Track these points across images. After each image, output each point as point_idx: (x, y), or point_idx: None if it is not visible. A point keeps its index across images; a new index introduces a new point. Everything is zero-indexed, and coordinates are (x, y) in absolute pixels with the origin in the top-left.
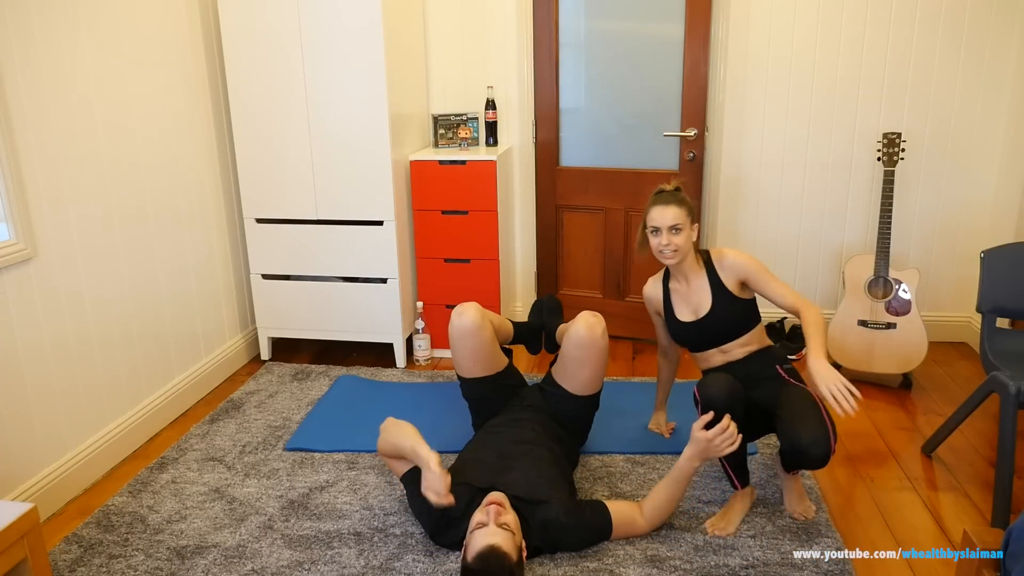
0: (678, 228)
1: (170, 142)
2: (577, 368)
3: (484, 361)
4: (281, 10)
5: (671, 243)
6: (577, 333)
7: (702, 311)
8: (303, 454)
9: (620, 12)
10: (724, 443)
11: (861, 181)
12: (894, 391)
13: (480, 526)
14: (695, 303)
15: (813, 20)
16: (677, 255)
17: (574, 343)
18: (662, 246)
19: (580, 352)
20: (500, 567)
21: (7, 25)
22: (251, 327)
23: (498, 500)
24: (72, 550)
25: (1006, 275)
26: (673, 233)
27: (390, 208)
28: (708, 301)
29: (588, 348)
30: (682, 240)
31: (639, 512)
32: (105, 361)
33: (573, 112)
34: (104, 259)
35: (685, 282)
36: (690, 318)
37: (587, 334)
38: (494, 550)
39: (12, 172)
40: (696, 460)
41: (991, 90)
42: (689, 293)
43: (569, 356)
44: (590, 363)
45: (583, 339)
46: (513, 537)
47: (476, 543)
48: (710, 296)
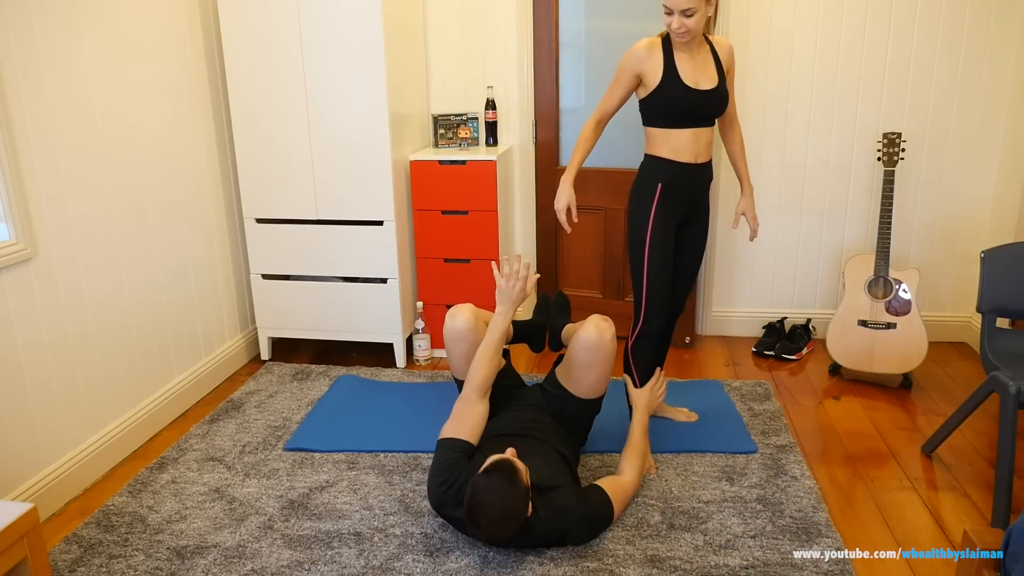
0: (691, 11)
1: (170, 141)
2: (583, 371)
3: None
4: (281, 9)
5: (683, 25)
6: (587, 336)
7: (710, 83)
8: (303, 454)
9: (620, 12)
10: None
11: (861, 181)
12: (894, 391)
13: None
14: (701, 74)
15: (813, 20)
16: (689, 35)
17: (582, 346)
18: (674, 28)
19: (588, 356)
20: (510, 472)
21: (7, 25)
22: (251, 327)
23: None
24: (72, 550)
25: (1006, 275)
26: (686, 16)
27: (390, 208)
28: (715, 75)
29: (596, 352)
30: (694, 22)
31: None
32: (105, 361)
33: (573, 112)
34: (104, 259)
35: (691, 53)
36: (696, 86)
37: (596, 338)
38: (506, 460)
39: (12, 172)
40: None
41: (991, 90)
42: (696, 64)
43: (576, 359)
44: (597, 367)
45: (592, 343)
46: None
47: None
48: (715, 71)
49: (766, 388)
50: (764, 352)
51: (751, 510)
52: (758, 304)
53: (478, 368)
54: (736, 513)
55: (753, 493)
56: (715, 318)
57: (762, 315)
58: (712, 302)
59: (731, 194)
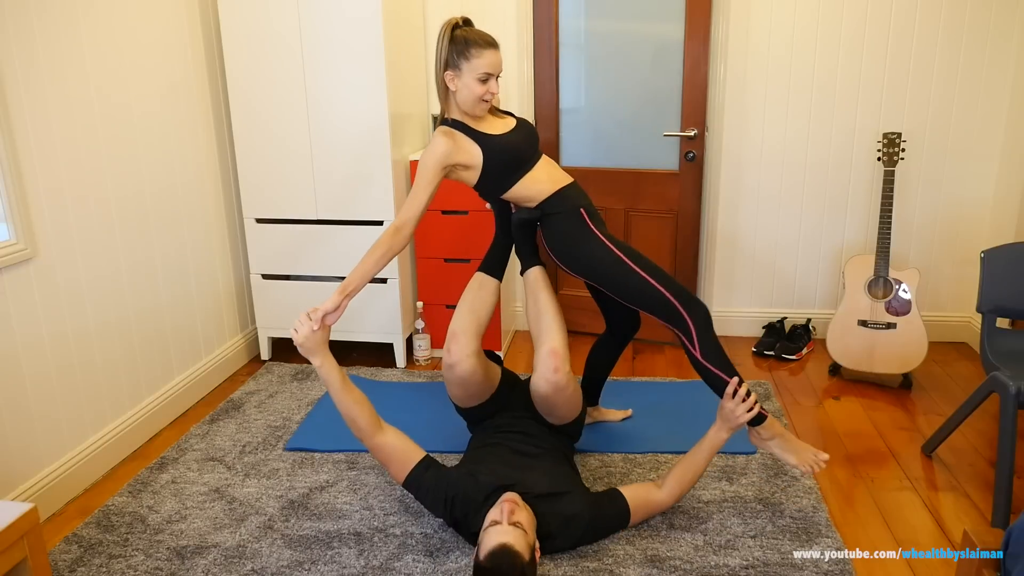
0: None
1: (170, 141)
2: (548, 411)
3: (479, 394)
4: (281, 9)
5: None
6: (535, 387)
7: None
8: (303, 454)
9: (620, 12)
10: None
11: (861, 181)
12: (894, 391)
13: (493, 524)
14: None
15: (813, 20)
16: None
17: (536, 393)
18: (490, 94)
19: (544, 402)
20: (512, 566)
21: (7, 25)
22: (251, 327)
23: (512, 499)
24: (72, 550)
25: (1006, 275)
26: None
27: (390, 208)
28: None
29: (552, 396)
30: None
31: (655, 488)
32: (105, 361)
33: (573, 112)
34: (104, 259)
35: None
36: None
37: (544, 387)
38: (506, 548)
39: (12, 172)
40: (724, 431)
41: (991, 90)
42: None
43: (538, 403)
44: (559, 406)
45: (542, 391)
46: (526, 536)
47: (488, 541)
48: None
49: (766, 388)
50: (764, 352)
51: (751, 510)
52: (758, 304)
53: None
54: (736, 513)
55: (753, 493)
56: (715, 318)
57: (762, 315)
58: (712, 302)
59: (731, 199)
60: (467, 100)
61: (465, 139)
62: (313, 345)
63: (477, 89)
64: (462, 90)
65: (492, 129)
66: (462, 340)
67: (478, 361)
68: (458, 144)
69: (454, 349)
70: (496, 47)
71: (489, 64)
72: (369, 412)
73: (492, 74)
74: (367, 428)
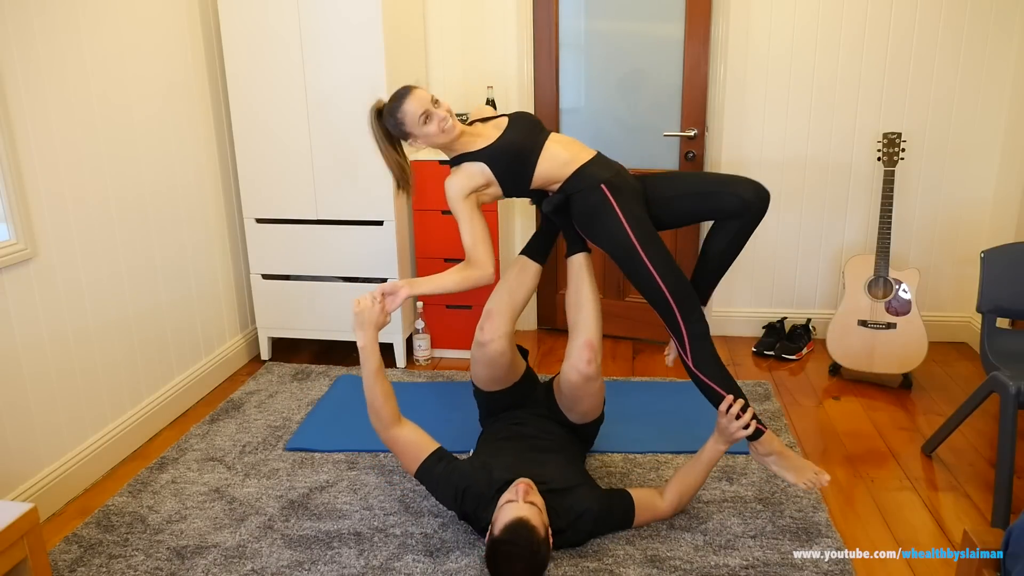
0: (435, 100)
1: (170, 141)
2: (573, 403)
3: (503, 379)
4: (281, 9)
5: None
6: (567, 376)
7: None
8: (303, 454)
9: (620, 12)
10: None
11: (861, 181)
12: (894, 391)
13: (508, 502)
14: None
15: (813, 20)
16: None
17: (566, 382)
18: (441, 121)
19: (572, 391)
20: (528, 540)
21: (7, 25)
22: (251, 327)
23: (527, 482)
24: (72, 550)
25: (1006, 275)
26: (436, 104)
27: (390, 208)
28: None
29: (581, 387)
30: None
31: (659, 496)
32: (105, 361)
33: (573, 112)
34: (104, 259)
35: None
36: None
37: (577, 378)
38: (523, 521)
39: (12, 172)
40: (721, 443)
41: (991, 90)
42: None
43: (563, 392)
44: (585, 399)
45: (573, 380)
46: (540, 514)
47: (504, 516)
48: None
49: (766, 388)
50: (764, 352)
51: (751, 510)
52: (758, 304)
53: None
54: (736, 513)
55: (753, 493)
56: (715, 318)
57: (762, 315)
58: (712, 302)
59: None
60: (435, 141)
61: (469, 165)
62: (367, 320)
63: (429, 129)
64: (424, 140)
65: (485, 141)
66: (496, 320)
67: (509, 344)
68: (466, 172)
69: (488, 328)
70: (409, 91)
71: (415, 108)
72: (393, 405)
73: (427, 110)
74: (387, 419)
